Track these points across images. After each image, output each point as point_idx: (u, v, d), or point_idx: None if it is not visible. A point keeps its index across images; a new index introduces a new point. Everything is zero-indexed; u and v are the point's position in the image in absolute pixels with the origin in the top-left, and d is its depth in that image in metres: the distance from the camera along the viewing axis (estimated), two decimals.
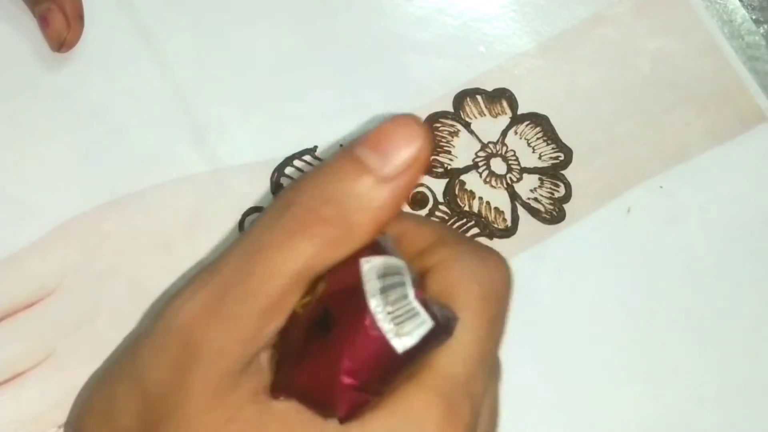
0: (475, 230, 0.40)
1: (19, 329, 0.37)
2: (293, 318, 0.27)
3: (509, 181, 0.41)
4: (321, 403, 0.26)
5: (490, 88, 0.43)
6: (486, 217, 0.40)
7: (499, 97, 0.42)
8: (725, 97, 0.43)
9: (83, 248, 0.38)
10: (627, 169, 0.42)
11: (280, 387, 0.26)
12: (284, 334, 0.27)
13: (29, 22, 0.41)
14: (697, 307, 0.40)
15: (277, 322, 0.26)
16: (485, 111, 0.42)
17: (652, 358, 0.39)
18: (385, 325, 0.25)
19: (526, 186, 0.41)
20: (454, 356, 0.27)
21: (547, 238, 0.40)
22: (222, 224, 0.39)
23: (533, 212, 0.41)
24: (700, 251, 0.41)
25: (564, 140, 0.42)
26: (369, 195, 0.26)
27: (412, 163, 0.26)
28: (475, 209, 0.41)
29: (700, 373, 0.39)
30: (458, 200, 0.41)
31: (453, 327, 0.27)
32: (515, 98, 0.42)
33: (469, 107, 0.42)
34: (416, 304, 0.26)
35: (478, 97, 0.42)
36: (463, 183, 0.41)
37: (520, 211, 0.41)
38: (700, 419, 0.39)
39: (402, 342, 0.25)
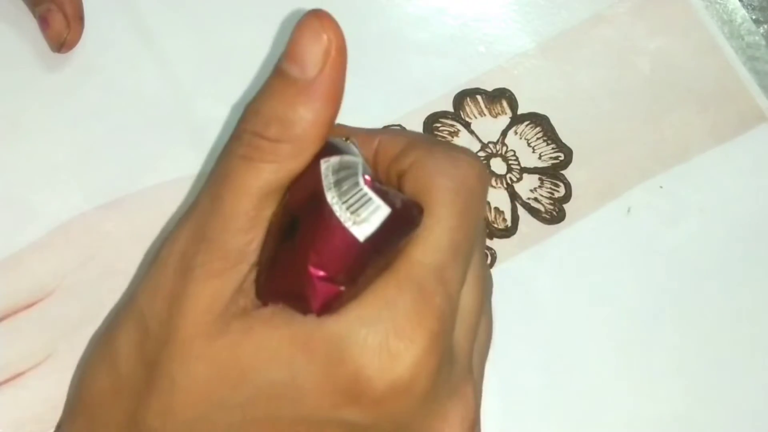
0: None
1: (19, 329, 0.37)
2: (268, 231, 0.28)
3: (509, 181, 0.41)
4: (297, 299, 0.27)
5: (490, 88, 0.43)
6: (486, 217, 0.40)
7: (499, 97, 0.42)
8: (725, 97, 0.43)
9: (83, 248, 0.38)
10: (627, 169, 0.42)
11: (261, 293, 0.28)
12: (262, 247, 0.28)
13: (29, 23, 0.40)
14: (697, 307, 0.40)
15: (258, 237, 0.28)
16: (485, 111, 0.42)
17: (651, 358, 0.39)
18: (343, 214, 0.26)
19: (526, 186, 0.41)
20: (425, 245, 0.27)
21: (547, 238, 0.40)
22: None
23: (533, 212, 0.41)
24: (699, 251, 0.41)
25: (564, 140, 0.42)
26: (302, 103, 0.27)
27: (326, 57, 0.27)
28: None
29: (700, 373, 0.39)
30: None
31: (417, 217, 0.27)
32: (515, 98, 0.42)
33: (469, 107, 0.42)
34: (367, 190, 0.26)
35: (478, 97, 0.42)
36: None
37: (520, 211, 0.41)
38: (700, 419, 0.39)
39: (361, 229, 0.26)
